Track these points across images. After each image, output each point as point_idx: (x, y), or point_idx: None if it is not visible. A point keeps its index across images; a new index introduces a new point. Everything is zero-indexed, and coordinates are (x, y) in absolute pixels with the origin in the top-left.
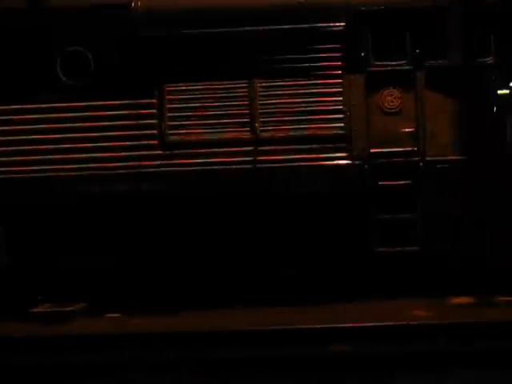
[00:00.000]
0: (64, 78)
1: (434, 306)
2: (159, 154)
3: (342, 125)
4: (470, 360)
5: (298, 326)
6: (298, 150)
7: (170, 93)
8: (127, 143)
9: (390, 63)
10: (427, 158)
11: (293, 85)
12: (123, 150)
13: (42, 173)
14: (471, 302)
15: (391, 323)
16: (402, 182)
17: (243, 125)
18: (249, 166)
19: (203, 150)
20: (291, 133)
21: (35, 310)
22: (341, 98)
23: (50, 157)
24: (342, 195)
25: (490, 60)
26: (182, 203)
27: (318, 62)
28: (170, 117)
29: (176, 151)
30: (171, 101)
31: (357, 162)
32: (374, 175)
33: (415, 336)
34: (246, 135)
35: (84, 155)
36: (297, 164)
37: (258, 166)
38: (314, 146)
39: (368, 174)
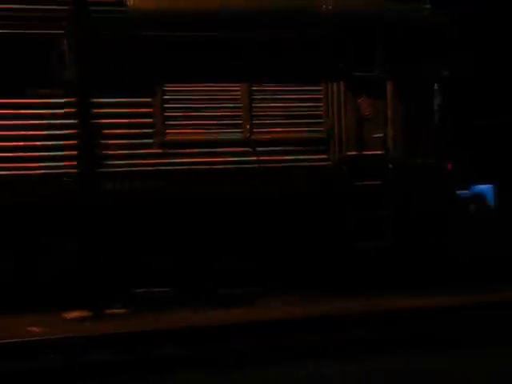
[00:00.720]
0: (60, 74)
1: (48, 321)
2: (155, 152)
3: (322, 129)
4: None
5: None
6: (284, 152)
7: (168, 92)
8: (124, 141)
9: (365, 73)
10: (393, 161)
11: (281, 89)
12: (120, 148)
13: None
14: (86, 315)
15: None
16: (373, 183)
17: (235, 126)
18: (239, 167)
19: (197, 150)
20: (279, 135)
21: None
22: (321, 104)
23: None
24: (322, 195)
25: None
26: (177, 203)
27: (302, 69)
28: (166, 116)
29: (172, 150)
30: (170, 101)
31: (335, 164)
32: (350, 176)
33: (29, 352)
34: (238, 136)
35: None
36: (283, 165)
37: (249, 166)
38: (297, 148)
39: (345, 175)
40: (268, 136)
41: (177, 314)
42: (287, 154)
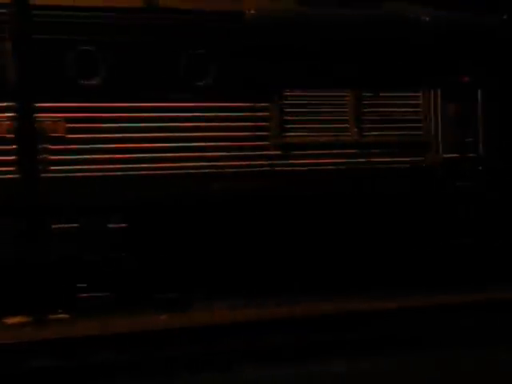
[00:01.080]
0: (187, 79)
1: None
2: (272, 154)
3: (421, 132)
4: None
5: None
6: (386, 154)
7: (284, 98)
8: (243, 143)
9: (455, 79)
10: (483, 163)
11: (385, 95)
12: (239, 150)
13: (165, 170)
14: (28, 320)
15: None
16: (465, 184)
17: (344, 130)
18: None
19: (311, 152)
20: (382, 138)
21: None
22: (420, 109)
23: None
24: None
25: None
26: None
27: (404, 76)
28: (283, 120)
29: (288, 152)
30: (284, 105)
31: (431, 166)
32: (444, 178)
33: None
34: (346, 139)
35: (203, 154)
36: (385, 166)
37: (359, 167)
38: (398, 150)
39: (439, 176)
40: (373, 139)
41: (120, 320)
42: (389, 156)
